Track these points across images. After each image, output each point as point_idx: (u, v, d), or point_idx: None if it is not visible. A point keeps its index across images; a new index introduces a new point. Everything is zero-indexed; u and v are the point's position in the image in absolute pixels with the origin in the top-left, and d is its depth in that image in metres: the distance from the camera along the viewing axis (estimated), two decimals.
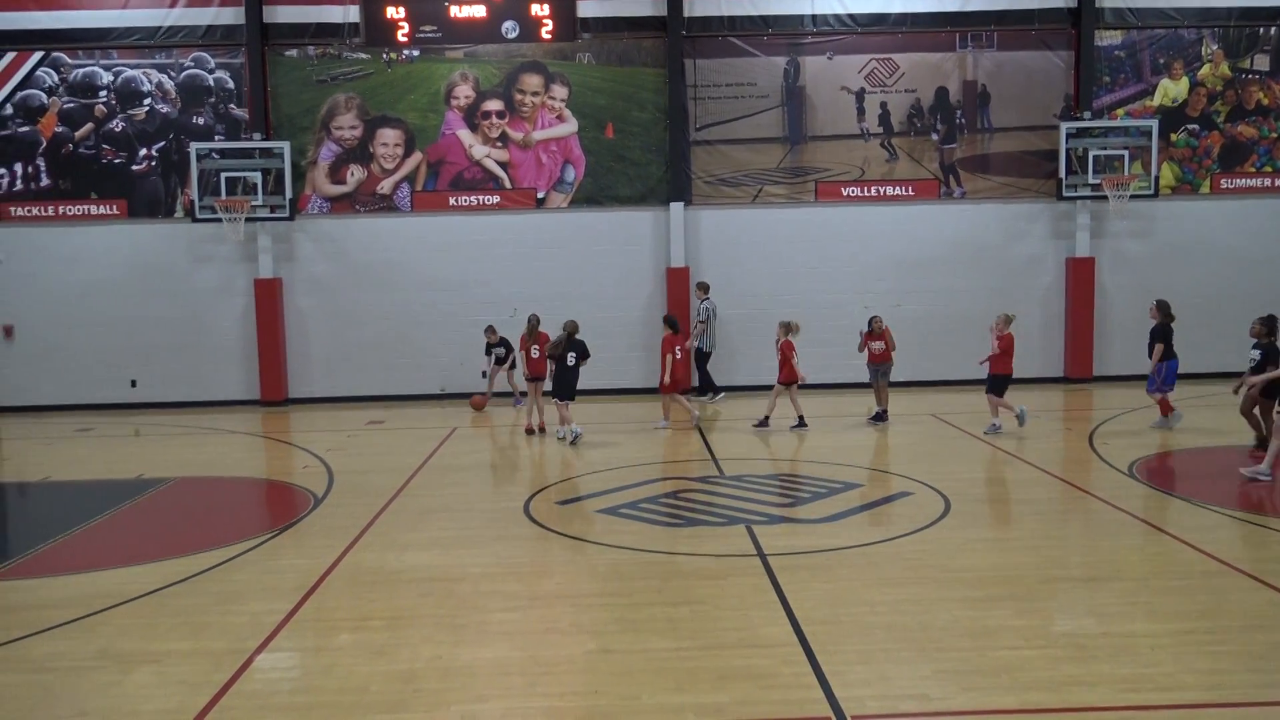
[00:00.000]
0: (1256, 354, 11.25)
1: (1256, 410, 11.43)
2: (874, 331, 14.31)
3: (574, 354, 13.60)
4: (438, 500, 10.65)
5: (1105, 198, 17.23)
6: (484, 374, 16.93)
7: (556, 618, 7.10)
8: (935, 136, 17.90)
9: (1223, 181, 18.00)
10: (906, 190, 17.93)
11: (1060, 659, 6.13)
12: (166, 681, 6.13)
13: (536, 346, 14.49)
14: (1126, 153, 17.22)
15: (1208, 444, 12.58)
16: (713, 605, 7.19)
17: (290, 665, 6.50)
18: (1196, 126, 17.94)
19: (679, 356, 14.60)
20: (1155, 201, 17.67)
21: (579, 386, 13.91)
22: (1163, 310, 13.54)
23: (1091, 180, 17.19)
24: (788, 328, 14.09)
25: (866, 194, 17.91)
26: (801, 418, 13.98)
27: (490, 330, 16.47)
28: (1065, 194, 17.46)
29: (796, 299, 17.49)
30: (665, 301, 17.42)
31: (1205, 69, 17.85)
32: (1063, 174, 17.36)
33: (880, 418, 14.47)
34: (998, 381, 13.46)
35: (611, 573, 8.10)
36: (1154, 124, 17.35)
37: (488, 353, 16.62)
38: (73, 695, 5.99)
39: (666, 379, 14.36)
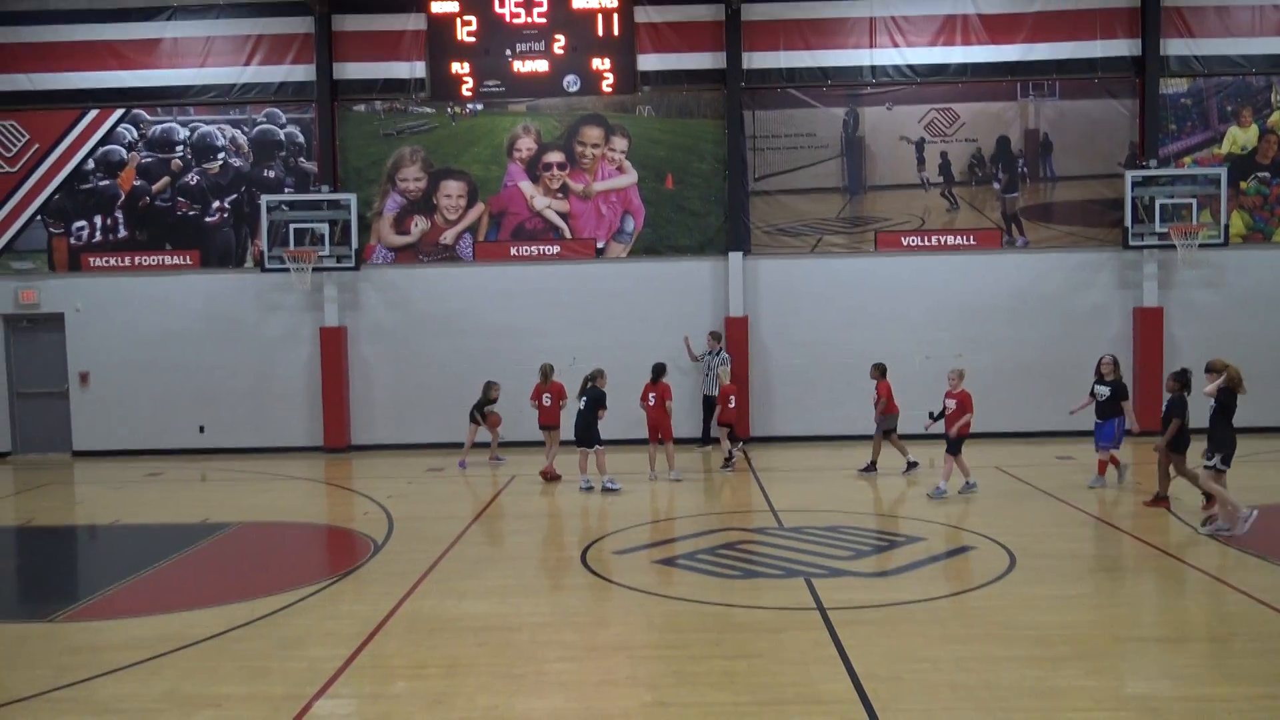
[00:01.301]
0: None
1: (1162, 463, 11.80)
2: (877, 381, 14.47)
3: (584, 399, 13.80)
4: (496, 548, 10.68)
5: (1173, 247, 16.92)
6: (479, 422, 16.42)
7: (613, 669, 7.05)
8: (997, 186, 17.77)
9: None
10: (968, 240, 17.79)
11: None
12: None
13: (549, 395, 14.66)
14: (1195, 201, 16.90)
15: None
16: (771, 659, 7.09)
17: (348, 712, 6.52)
18: (1267, 174, 17.58)
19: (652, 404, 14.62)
20: (1225, 250, 17.32)
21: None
22: (1118, 366, 13.26)
23: (1159, 229, 16.89)
24: (729, 372, 15.48)
25: (927, 243, 17.80)
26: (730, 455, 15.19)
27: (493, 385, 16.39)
28: (1131, 243, 17.18)
29: (856, 349, 17.36)
30: (725, 350, 17.37)
31: (1275, 116, 17.52)
32: (1129, 223, 17.09)
33: (870, 468, 14.50)
34: (954, 440, 12.72)
35: (668, 624, 8.03)
36: (1223, 172, 17.05)
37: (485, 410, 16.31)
38: None
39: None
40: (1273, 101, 17.52)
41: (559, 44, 17.39)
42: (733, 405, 15.11)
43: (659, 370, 14.75)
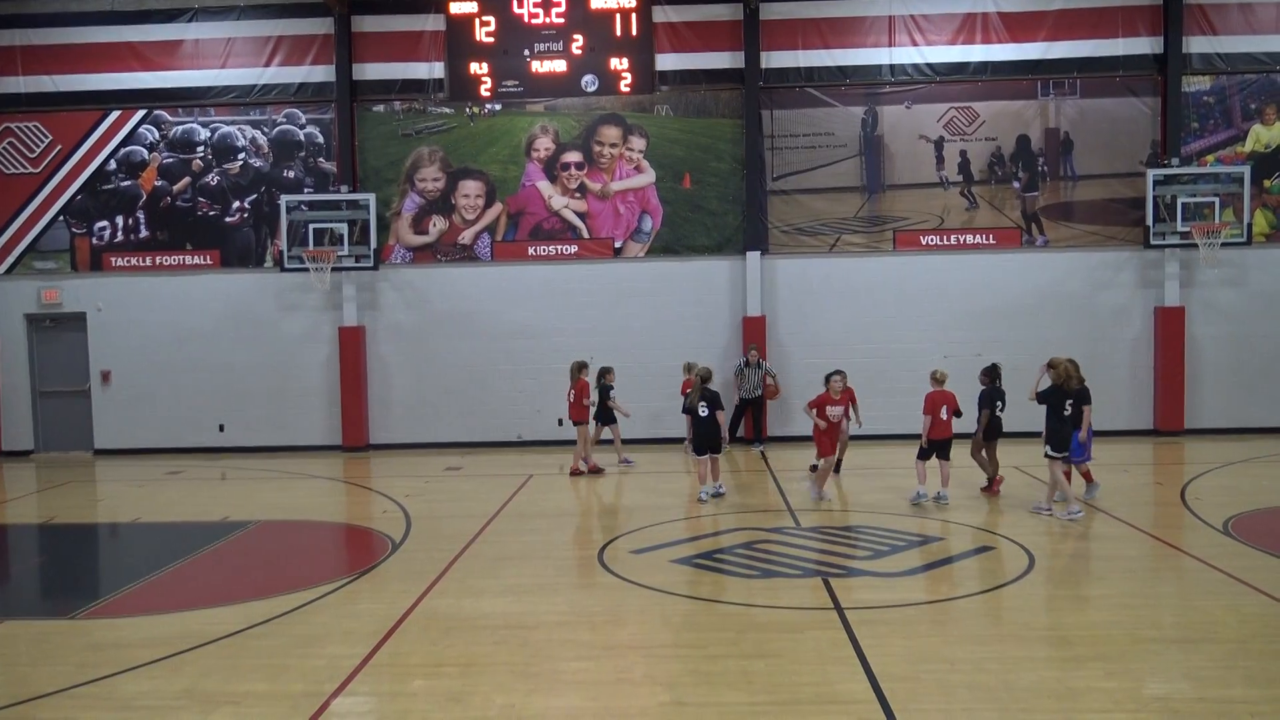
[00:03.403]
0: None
1: (983, 453, 12.78)
2: (831, 392, 12.40)
3: (705, 404, 12.69)
4: (513, 547, 10.70)
5: (1195, 246, 16.79)
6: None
7: (630, 668, 7.05)
8: (1017, 184, 17.67)
9: None
10: (987, 239, 17.70)
11: None
12: None
13: (573, 391, 14.77)
14: (1217, 200, 16.77)
15: None
16: (789, 659, 7.07)
17: (365, 710, 6.54)
18: None
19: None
20: (1248, 249, 17.17)
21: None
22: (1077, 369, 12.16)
23: (1180, 228, 16.76)
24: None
25: (946, 243, 17.72)
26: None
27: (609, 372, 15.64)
28: (1153, 242, 17.05)
29: (874, 348, 17.33)
30: (741, 350, 17.35)
31: None
32: (1150, 222, 16.97)
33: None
34: (928, 445, 12.30)
35: (686, 623, 8.02)
36: (1246, 170, 16.89)
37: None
38: None
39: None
40: None
41: (577, 44, 17.45)
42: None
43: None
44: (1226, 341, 17.34)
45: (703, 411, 12.71)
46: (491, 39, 17.57)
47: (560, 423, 17.58)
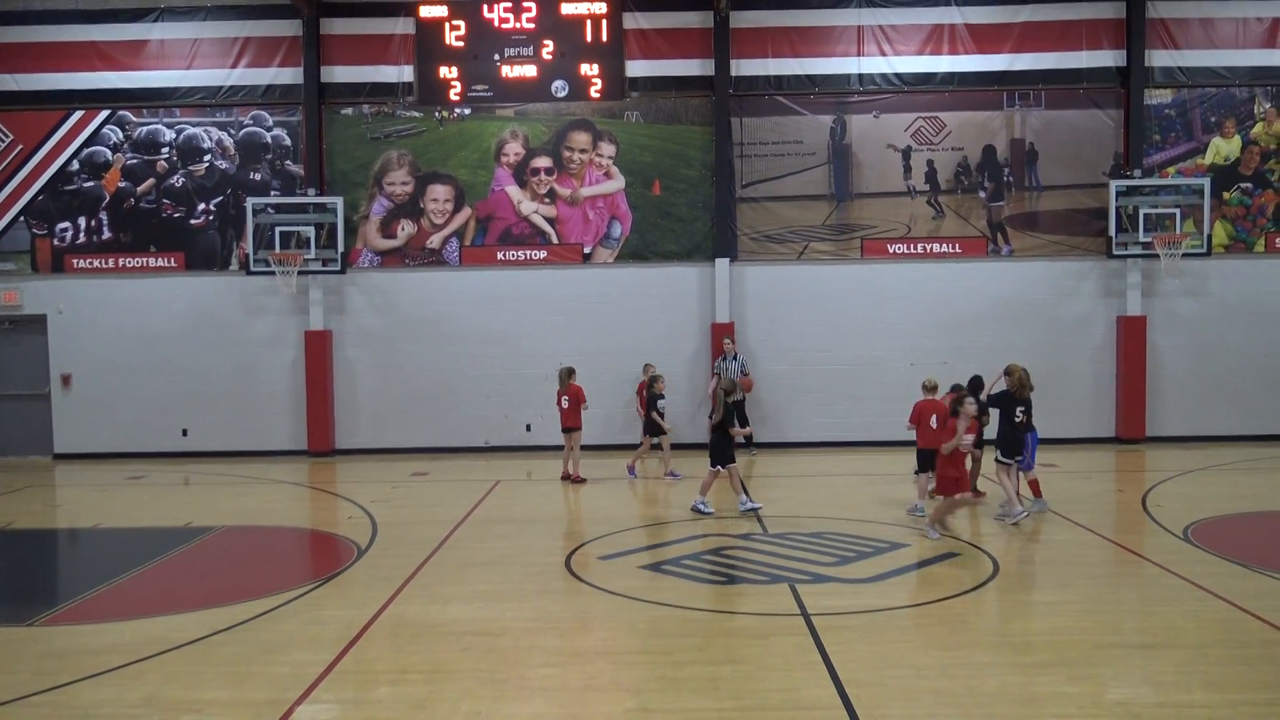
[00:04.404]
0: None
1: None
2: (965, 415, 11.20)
3: (711, 416, 12.35)
4: (480, 553, 10.65)
5: (1156, 256, 17.03)
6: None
7: (596, 674, 7.04)
8: (982, 194, 17.85)
9: (1277, 240, 17.71)
10: (953, 247, 17.86)
11: None
12: None
13: (567, 398, 14.68)
14: (1178, 211, 17.02)
15: (1267, 508, 12.27)
16: (755, 665, 7.09)
17: (330, 718, 6.49)
18: (1250, 185, 17.72)
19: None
20: (1208, 260, 17.43)
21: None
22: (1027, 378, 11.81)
23: (1142, 238, 17.00)
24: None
25: (913, 251, 17.87)
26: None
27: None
28: (1115, 252, 17.28)
29: (842, 355, 17.46)
30: (710, 356, 17.41)
31: (1258, 127, 17.67)
32: (1113, 232, 17.20)
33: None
34: (922, 456, 12.20)
35: (652, 630, 8.02)
36: (1206, 182, 17.16)
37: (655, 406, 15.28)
38: None
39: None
40: (1255, 113, 17.67)
41: (548, 49, 17.45)
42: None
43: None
44: (1187, 351, 17.59)
45: (711, 420, 12.33)
46: (461, 43, 17.52)
47: (529, 428, 17.56)
